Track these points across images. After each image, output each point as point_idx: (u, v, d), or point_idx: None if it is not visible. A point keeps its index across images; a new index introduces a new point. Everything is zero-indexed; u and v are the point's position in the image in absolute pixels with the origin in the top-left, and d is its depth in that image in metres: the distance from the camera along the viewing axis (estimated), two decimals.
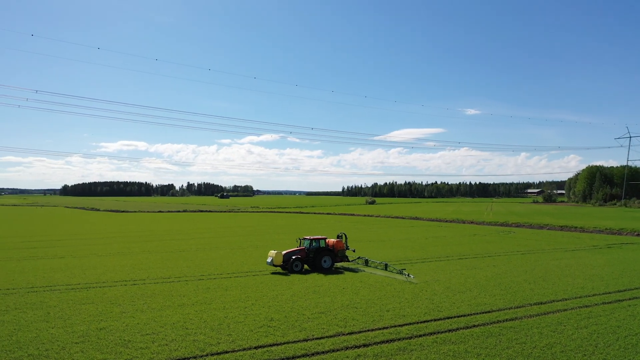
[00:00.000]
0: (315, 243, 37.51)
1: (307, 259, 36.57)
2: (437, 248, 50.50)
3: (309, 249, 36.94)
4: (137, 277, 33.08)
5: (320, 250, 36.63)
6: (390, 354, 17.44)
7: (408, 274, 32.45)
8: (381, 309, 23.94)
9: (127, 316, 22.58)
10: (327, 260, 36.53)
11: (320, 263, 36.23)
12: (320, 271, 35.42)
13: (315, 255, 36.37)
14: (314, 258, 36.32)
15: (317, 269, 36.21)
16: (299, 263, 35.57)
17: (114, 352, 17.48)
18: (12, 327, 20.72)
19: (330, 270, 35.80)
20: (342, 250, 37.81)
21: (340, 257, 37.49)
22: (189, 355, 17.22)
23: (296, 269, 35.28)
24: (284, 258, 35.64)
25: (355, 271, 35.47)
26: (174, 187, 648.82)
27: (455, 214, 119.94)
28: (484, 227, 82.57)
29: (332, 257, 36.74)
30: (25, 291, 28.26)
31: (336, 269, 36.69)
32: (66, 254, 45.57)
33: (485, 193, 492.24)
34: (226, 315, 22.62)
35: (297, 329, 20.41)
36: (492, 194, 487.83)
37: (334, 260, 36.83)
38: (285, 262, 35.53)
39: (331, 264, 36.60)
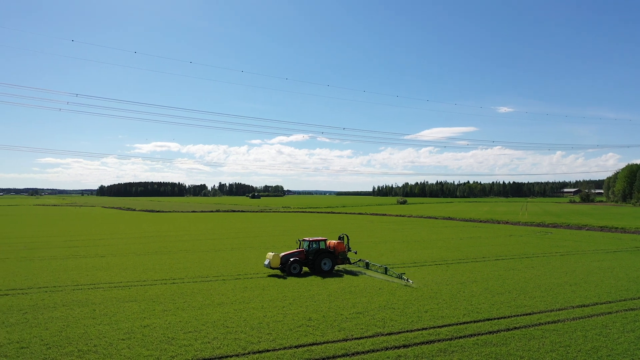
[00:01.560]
0: (314, 245, 36.20)
1: (306, 261, 35.26)
2: (473, 249, 49.81)
3: (309, 250, 35.64)
4: (175, 276, 33.81)
5: (320, 252, 35.26)
6: (431, 355, 17.37)
7: (407, 278, 30.91)
8: (419, 309, 23.83)
9: (169, 314, 23.15)
10: (327, 262, 35.22)
11: (320, 265, 34.93)
12: (320, 274, 34.34)
13: (315, 257, 35.04)
14: (314, 260, 34.98)
15: (316, 271, 34.91)
16: (297, 265, 34.21)
17: (158, 349, 17.96)
18: (61, 323, 21.52)
19: (330, 273, 34.74)
20: (343, 252, 36.37)
21: (341, 259, 36.05)
22: (231, 353, 17.54)
23: (294, 271, 33.99)
24: (282, 260, 34.51)
25: (356, 274, 34.37)
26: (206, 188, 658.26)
27: (489, 214, 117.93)
28: (519, 228, 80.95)
29: (332, 259, 35.40)
30: (71, 289, 29.26)
31: (337, 271, 35.67)
32: (106, 253, 46.92)
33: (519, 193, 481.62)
34: (265, 315, 22.93)
35: (335, 329, 20.54)
36: (527, 193, 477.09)
37: (334, 263, 35.47)
38: (283, 265, 34.35)
39: (331, 266, 35.28)
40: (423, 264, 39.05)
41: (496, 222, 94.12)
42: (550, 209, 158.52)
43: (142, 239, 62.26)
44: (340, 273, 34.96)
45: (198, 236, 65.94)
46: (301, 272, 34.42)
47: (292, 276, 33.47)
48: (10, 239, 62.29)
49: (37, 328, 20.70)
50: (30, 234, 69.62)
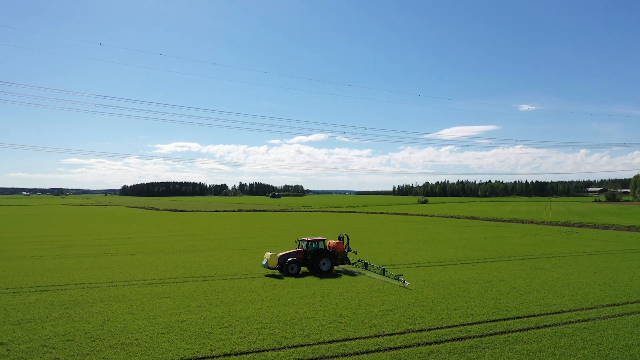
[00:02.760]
0: (313, 245, 35.92)
1: (304, 261, 35.07)
2: (498, 248, 49.67)
3: (307, 250, 35.44)
4: (205, 273, 34.60)
5: (319, 252, 35.00)
6: (463, 351, 17.69)
7: (404, 280, 30.47)
8: (448, 307, 24.11)
9: (203, 310, 23.86)
10: (326, 262, 34.93)
11: (318, 265, 34.69)
12: (319, 274, 34.11)
13: (314, 257, 34.77)
14: (312, 260, 34.73)
15: (315, 271, 34.66)
16: (295, 265, 33.98)
17: (197, 343, 18.63)
18: (101, 317, 22.40)
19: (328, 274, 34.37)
20: (343, 253, 36.05)
21: (340, 259, 35.77)
22: (267, 347, 18.12)
23: (292, 271, 33.79)
24: (280, 260, 34.37)
25: (354, 275, 34.10)
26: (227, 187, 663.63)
27: (513, 214, 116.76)
28: (544, 227, 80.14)
29: (331, 259, 35.11)
30: (107, 285, 30.25)
31: (335, 272, 35.30)
32: (136, 251, 48.09)
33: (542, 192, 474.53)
34: (296, 311, 23.47)
35: (367, 325, 20.97)
36: (550, 192, 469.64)
37: (333, 263, 35.22)
38: (280, 265, 34.21)
39: (330, 266, 35.02)
40: (448, 263, 39.18)
41: (520, 222, 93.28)
42: (575, 208, 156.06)
43: (169, 237, 63.50)
44: (338, 273, 34.61)
45: (223, 235, 66.95)
46: (299, 273, 34.21)
47: (289, 276, 33.30)
48: (43, 237, 64.15)
49: (80, 322, 21.60)
50: (60, 233, 71.53)
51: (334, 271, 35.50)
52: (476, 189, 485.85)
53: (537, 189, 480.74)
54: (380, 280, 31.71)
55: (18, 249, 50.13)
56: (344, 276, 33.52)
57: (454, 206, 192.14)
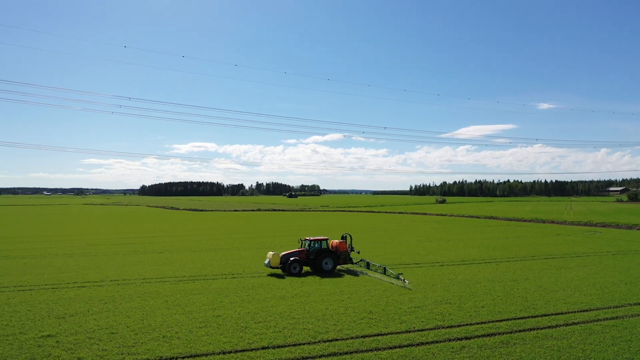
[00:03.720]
0: (316, 244, 36.09)
1: (307, 261, 35.20)
2: (521, 248, 49.72)
3: (310, 250, 35.63)
4: (234, 271, 35.43)
5: (322, 252, 35.09)
6: (494, 346, 18.14)
7: (404, 279, 30.45)
8: (475, 305, 24.53)
9: (236, 306, 24.65)
10: (329, 262, 35.03)
11: (321, 265, 34.84)
12: (321, 274, 34.21)
13: (316, 256, 34.88)
14: (315, 260, 34.87)
15: (318, 271, 34.79)
16: (297, 265, 34.10)
17: (235, 337, 19.39)
18: (140, 312, 23.31)
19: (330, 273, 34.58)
20: (345, 252, 36.12)
21: (343, 259, 35.86)
22: (303, 342, 18.79)
23: (294, 271, 33.89)
24: (282, 259, 34.47)
25: (357, 274, 34.19)
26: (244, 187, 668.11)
27: (533, 214, 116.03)
28: (566, 227, 79.60)
29: (334, 259, 35.20)
30: (140, 282, 31.25)
31: (338, 271, 35.44)
32: (163, 249, 49.23)
33: (562, 192, 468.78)
34: (327, 307, 24.12)
35: (397, 321, 21.52)
36: (570, 192, 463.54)
37: (336, 263, 35.27)
38: (283, 264, 34.30)
39: (333, 266, 35.10)
40: (472, 262, 39.47)
41: (541, 222, 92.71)
42: (597, 208, 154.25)
43: (193, 236, 64.68)
44: (341, 273, 34.77)
45: (246, 234, 67.92)
46: (301, 272, 34.33)
47: (292, 276, 33.44)
48: (71, 236, 65.83)
49: (120, 316, 22.53)
50: (87, 232, 73.23)
51: (336, 270, 35.65)
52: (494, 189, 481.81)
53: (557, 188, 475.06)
54: (380, 279, 31.70)
55: (49, 246, 51.65)
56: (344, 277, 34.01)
57: (473, 206, 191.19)
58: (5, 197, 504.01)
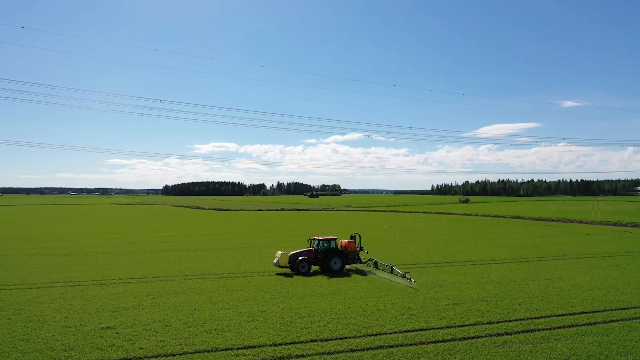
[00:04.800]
0: (324, 244, 36.36)
1: (315, 260, 35.50)
2: (551, 247, 49.70)
3: (318, 249, 35.90)
4: (268, 269, 36.41)
5: (330, 252, 35.39)
6: (535, 342, 18.69)
7: (410, 277, 30.40)
8: (512, 302, 25.03)
9: (278, 301, 25.59)
10: (337, 261, 35.28)
11: (329, 265, 35.10)
12: (330, 273, 34.39)
13: (325, 256, 35.18)
14: (323, 259, 35.16)
15: (326, 270, 35.03)
16: (305, 264, 34.39)
17: (283, 330, 20.31)
18: (189, 307, 24.42)
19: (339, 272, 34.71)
20: (354, 252, 36.33)
21: (351, 258, 36.11)
22: (348, 335, 19.61)
23: (302, 270, 34.17)
24: (290, 259, 34.81)
25: (365, 273, 34.40)
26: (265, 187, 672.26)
27: (560, 213, 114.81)
28: (595, 227, 78.80)
29: (342, 258, 35.43)
30: (181, 279, 32.46)
31: (346, 271, 35.60)
32: (198, 247, 50.58)
33: (587, 191, 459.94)
34: (366, 304, 24.89)
35: (437, 317, 22.18)
36: (596, 192, 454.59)
37: (344, 262, 35.52)
38: (291, 263, 34.66)
39: (341, 265, 35.36)
40: (503, 262, 39.77)
41: (569, 222, 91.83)
42: (625, 207, 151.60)
43: (223, 235, 66.06)
44: (349, 272, 34.94)
45: (274, 233, 69.03)
46: (310, 271, 34.60)
47: (300, 275, 33.82)
48: (106, 234, 67.86)
49: (171, 310, 23.67)
50: (120, 230, 75.28)
51: (345, 270, 35.85)
52: (518, 188, 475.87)
53: (582, 188, 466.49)
54: (387, 278, 31.97)
55: (88, 244, 53.49)
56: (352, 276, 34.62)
57: (497, 205, 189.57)
58: (34, 196, 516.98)
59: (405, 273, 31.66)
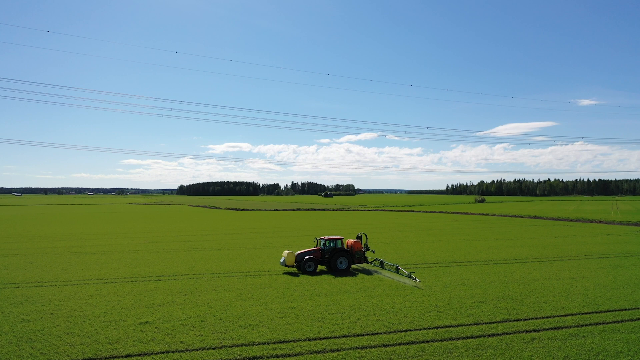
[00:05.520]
0: (331, 243, 36.63)
1: (322, 260, 35.77)
2: (571, 247, 49.71)
3: (325, 249, 36.17)
4: (293, 268, 37.03)
5: (336, 251, 35.59)
6: (563, 338, 19.09)
7: (415, 277, 30.65)
8: (538, 301, 25.38)
9: (307, 299, 26.24)
10: (344, 261, 35.52)
11: (336, 264, 35.30)
12: (336, 273, 34.60)
13: (331, 255, 35.41)
14: (330, 259, 35.37)
15: (332, 270, 35.23)
16: (312, 264, 34.70)
17: (315, 326, 20.94)
18: (220, 303, 25.17)
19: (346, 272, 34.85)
20: (360, 252, 36.47)
21: (358, 258, 36.26)
22: (379, 331, 20.18)
23: (309, 269, 34.51)
24: (297, 258, 35.15)
25: (371, 273, 34.62)
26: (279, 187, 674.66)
27: (578, 213, 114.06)
28: (615, 227, 78.28)
29: (348, 258, 35.68)
30: (209, 276, 33.28)
31: (352, 270, 35.84)
32: (220, 246, 51.48)
33: (605, 190, 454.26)
34: (394, 301, 25.43)
35: (464, 315, 22.65)
36: (614, 191, 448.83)
37: (350, 262, 35.75)
38: (298, 263, 35.03)
39: (347, 265, 35.55)
40: (525, 261, 39.99)
41: (588, 221, 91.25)
42: None
43: (243, 234, 66.96)
44: (355, 272, 35.13)
45: (294, 232, 69.75)
46: (316, 271, 34.93)
47: (306, 274, 34.11)
48: (129, 233, 69.17)
49: (203, 307, 24.43)
50: (142, 229, 76.58)
51: (351, 269, 36.10)
52: (534, 188, 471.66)
53: (600, 187, 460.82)
54: (393, 278, 32.23)
55: (113, 243, 54.71)
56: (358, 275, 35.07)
57: (513, 205, 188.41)
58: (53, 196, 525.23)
59: (411, 273, 31.88)
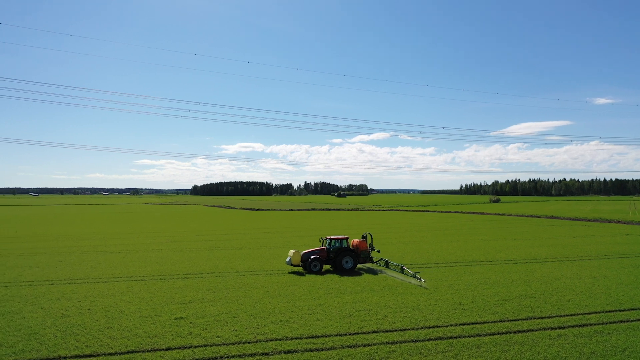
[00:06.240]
0: (336, 243, 36.93)
1: (327, 259, 36.11)
2: (591, 247, 49.75)
3: (330, 249, 36.48)
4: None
5: (342, 251, 35.93)
6: (589, 335, 19.52)
7: (420, 277, 30.85)
8: (560, 299, 25.76)
9: (332, 296, 26.90)
10: (349, 261, 35.82)
11: (341, 264, 35.60)
12: (341, 272, 34.91)
13: (337, 255, 35.76)
14: (335, 258, 35.72)
15: (338, 269, 35.56)
16: (317, 263, 35.07)
17: (344, 322, 21.58)
18: (249, 300, 25.93)
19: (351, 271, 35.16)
20: (366, 251, 36.83)
21: (363, 257, 36.64)
22: (408, 327, 20.77)
23: (314, 269, 34.85)
24: (303, 257, 35.48)
25: (376, 272, 34.85)
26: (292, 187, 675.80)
27: (595, 213, 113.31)
28: (634, 227, 77.80)
29: (354, 257, 35.99)
30: (234, 274, 34.09)
31: (358, 270, 36.06)
32: (241, 246, 52.38)
33: (622, 190, 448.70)
34: (418, 299, 25.98)
35: (489, 312, 23.14)
36: (632, 191, 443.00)
37: (356, 261, 36.08)
38: (303, 262, 35.37)
39: (353, 264, 35.87)
40: (545, 261, 40.24)
41: (606, 221, 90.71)
42: None
43: (262, 234, 67.84)
44: (360, 271, 35.38)
45: (312, 232, 70.47)
46: (322, 270, 35.29)
47: (312, 274, 34.41)
48: (151, 233, 70.46)
49: (233, 303, 25.21)
50: (162, 229, 77.89)
51: (356, 269, 36.35)
52: (549, 188, 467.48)
53: (617, 187, 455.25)
54: (398, 278, 32.45)
55: (136, 242, 55.90)
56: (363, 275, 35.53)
57: (529, 205, 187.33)
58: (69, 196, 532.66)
59: (416, 273, 32.10)
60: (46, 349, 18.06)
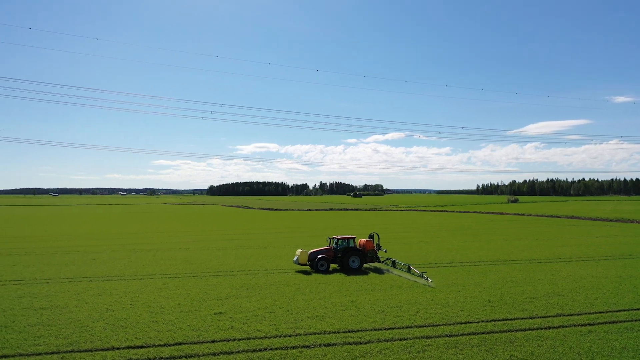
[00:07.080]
0: (343, 242, 37.24)
1: (334, 259, 36.43)
2: (614, 247, 49.78)
3: (337, 248, 36.79)
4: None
5: (349, 250, 36.23)
6: (619, 331, 20.00)
7: (427, 277, 31.10)
8: (588, 297, 26.19)
9: (363, 293, 27.65)
10: (356, 260, 36.12)
11: (348, 263, 35.89)
12: (348, 272, 35.11)
13: (343, 254, 36.06)
14: (342, 258, 36.04)
15: (345, 269, 35.81)
16: (324, 262, 35.37)
17: (377, 318, 22.32)
18: (283, 297, 26.80)
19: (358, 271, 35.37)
20: (373, 251, 37.04)
21: (370, 257, 36.85)
22: (439, 323, 21.44)
23: (321, 268, 35.14)
24: (310, 257, 35.84)
25: (382, 272, 35.09)
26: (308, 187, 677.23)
27: (617, 213, 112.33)
28: None
29: (361, 257, 36.29)
30: (264, 272, 35.01)
31: (364, 269, 36.30)
32: (265, 245, 53.38)
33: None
34: (447, 296, 26.62)
35: (518, 309, 23.70)
36: None
37: (362, 261, 36.34)
38: (310, 261, 35.69)
39: (360, 264, 36.16)
40: (569, 260, 40.49)
41: (629, 221, 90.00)
42: None
43: (284, 233, 68.84)
44: (367, 271, 35.62)
45: (332, 232, 71.12)
46: (329, 269, 35.64)
47: (319, 273, 34.76)
48: (174, 231, 71.94)
49: (268, 299, 26.11)
50: (185, 229, 79.36)
51: (363, 269, 36.63)
52: (568, 188, 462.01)
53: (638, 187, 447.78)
54: (405, 277, 32.68)
55: (163, 241, 57.25)
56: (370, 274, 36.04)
57: (547, 205, 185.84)
58: (88, 197, 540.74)
59: (423, 273, 32.35)
60: (99, 340, 19.11)
